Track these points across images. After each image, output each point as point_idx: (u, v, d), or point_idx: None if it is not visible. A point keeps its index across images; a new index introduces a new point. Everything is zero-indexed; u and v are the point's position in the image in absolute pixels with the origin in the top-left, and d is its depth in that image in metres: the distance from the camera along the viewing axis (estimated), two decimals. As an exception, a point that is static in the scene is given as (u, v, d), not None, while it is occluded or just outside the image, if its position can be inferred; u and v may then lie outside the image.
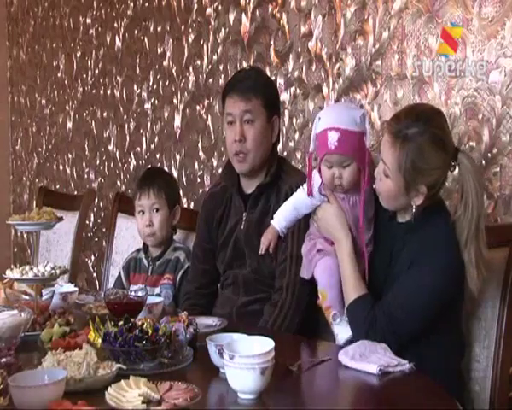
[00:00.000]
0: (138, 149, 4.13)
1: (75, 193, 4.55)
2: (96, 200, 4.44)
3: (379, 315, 1.86)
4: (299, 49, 3.06)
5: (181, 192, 3.70)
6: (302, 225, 2.20)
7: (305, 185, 2.09)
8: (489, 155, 2.38)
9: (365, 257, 2.00)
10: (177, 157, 3.83)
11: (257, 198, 2.37)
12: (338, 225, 2.01)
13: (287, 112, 3.13)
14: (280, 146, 3.14)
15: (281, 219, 2.12)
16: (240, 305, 2.35)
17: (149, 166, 3.85)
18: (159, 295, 2.53)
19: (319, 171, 2.04)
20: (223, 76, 3.43)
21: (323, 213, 2.05)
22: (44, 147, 5.10)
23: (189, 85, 3.70)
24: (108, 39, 4.32)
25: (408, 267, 1.89)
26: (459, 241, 1.87)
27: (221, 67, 3.48)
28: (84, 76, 4.58)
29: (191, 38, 3.67)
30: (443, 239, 1.89)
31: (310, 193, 2.06)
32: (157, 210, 2.69)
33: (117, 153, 4.32)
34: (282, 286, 2.25)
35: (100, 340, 1.74)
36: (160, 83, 3.91)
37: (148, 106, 4.03)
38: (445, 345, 1.94)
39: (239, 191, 2.43)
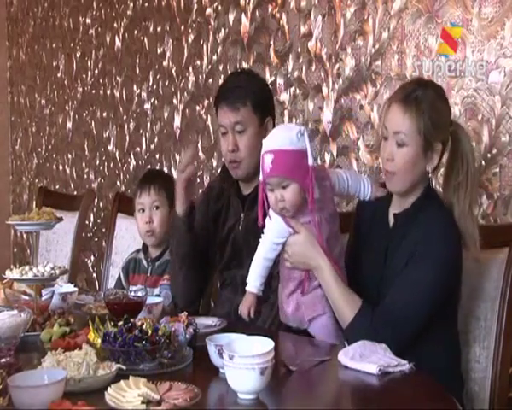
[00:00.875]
0: (138, 149, 4.13)
1: (75, 193, 4.55)
2: (96, 200, 4.44)
3: (379, 328, 1.84)
4: (299, 50, 3.06)
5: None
6: None
7: (265, 233, 2.03)
8: (488, 155, 2.38)
9: (343, 274, 1.98)
10: (177, 157, 3.83)
11: (254, 199, 2.35)
12: (312, 252, 1.95)
13: (286, 112, 3.13)
14: (279, 146, 3.14)
15: (255, 279, 2.05)
16: (238, 305, 2.34)
17: (150, 168, 3.86)
18: (158, 295, 2.53)
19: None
20: (222, 76, 3.43)
21: (293, 247, 1.98)
22: (44, 147, 5.10)
23: (189, 86, 3.70)
24: (108, 39, 4.32)
25: (406, 261, 1.89)
26: (459, 210, 1.92)
27: (221, 68, 3.48)
28: (84, 76, 4.58)
29: (191, 38, 3.67)
30: (443, 229, 1.90)
31: (262, 221, 2.00)
32: (157, 208, 2.71)
33: (117, 153, 4.32)
34: (278, 286, 2.24)
35: (99, 340, 1.74)
36: (160, 83, 3.91)
37: (147, 106, 4.03)
38: (443, 345, 1.94)
39: (237, 192, 2.44)
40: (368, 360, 1.69)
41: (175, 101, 3.81)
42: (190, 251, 2.40)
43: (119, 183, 4.30)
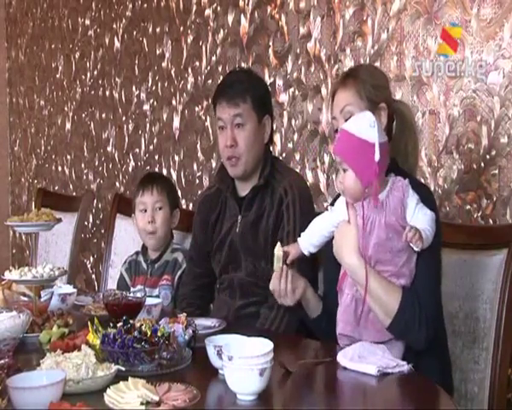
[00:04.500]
0: (137, 150, 4.13)
1: (74, 194, 4.55)
2: (95, 201, 4.45)
3: (426, 304, 1.81)
4: (298, 51, 3.06)
5: (180, 193, 3.71)
6: (298, 228, 2.21)
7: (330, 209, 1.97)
8: (487, 156, 2.38)
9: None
10: (176, 158, 3.83)
11: (251, 200, 2.36)
12: (348, 252, 1.83)
13: (286, 113, 3.13)
14: (279, 147, 3.15)
15: (305, 240, 1.98)
16: (236, 308, 2.34)
17: (149, 171, 3.86)
18: (157, 296, 2.53)
19: None
20: (222, 77, 3.43)
21: (338, 233, 1.88)
22: (43, 148, 5.10)
23: (188, 86, 3.70)
24: (107, 40, 4.32)
25: None
26: (415, 169, 2.08)
27: (220, 69, 3.48)
28: (83, 77, 4.58)
29: (190, 39, 3.67)
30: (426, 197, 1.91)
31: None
32: (160, 208, 2.70)
33: (116, 154, 4.32)
34: None
35: (98, 341, 1.74)
36: (159, 84, 3.91)
37: (146, 107, 4.03)
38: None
39: (233, 194, 2.42)
40: (367, 361, 1.69)
41: (174, 102, 3.81)
42: None
43: (118, 184, 4.30)
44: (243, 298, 2.36)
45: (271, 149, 2.55)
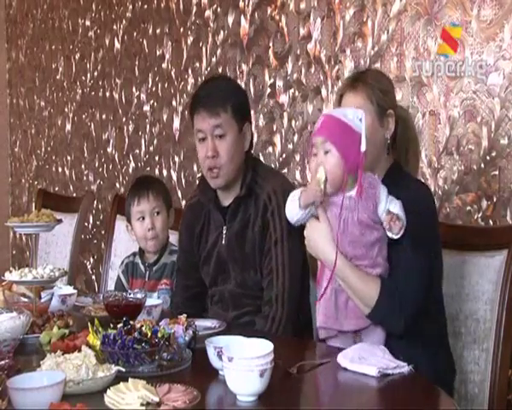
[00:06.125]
0: (137, 151, 4.13)
1: (74, 195, 4.55)
2: (95, 202, 4.45)
3: (405, 293, 1.85)
4: (298, 52, 3.06)
5: (180, 194, 3.71)
6: (285, 234, 2.19)
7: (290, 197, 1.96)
8: (488, 157, 2.39)
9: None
10: (176, 159, 3.83)
11: (235, 211, 2.30)
12: (325, 247, 1.89)
13: (286, 114, 3.13)
14: (279, 148, 3.16)
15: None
16: (230, 319, 2.31)
17: (139, 176, 3.83)
18: (157, 300, 2.52)
19: None
20: (222, 78, 3.44)
21: (309, 231, 1.94)
22: (43, 149, 5.10)
23: (188, 87, 3.70)
24: (107, 41, 4.33)
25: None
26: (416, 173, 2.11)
27: (220, 70, 3.48)
28: (83, 78, 4.59)
29: (190, 40, 3.67)
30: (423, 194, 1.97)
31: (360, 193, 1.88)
32: (158, 213, 2.67)
33: (116, 155, 4.32)
34: (270, 298, 2.21)
35: (99, 342, 1.74)
36: (159, 85, 3.91)
37: (146, 108, 4.03)
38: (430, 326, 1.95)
39: (216, 205, 2.36)
40: (367, 362, 1.69)
41: (174, 103, 3.81)
42: None
43: (118, 185, 4.30)
44: (236, 309, 2.31)
45: (255, 152, 2.49)
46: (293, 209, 1.94)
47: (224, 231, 2.32)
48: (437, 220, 2.01)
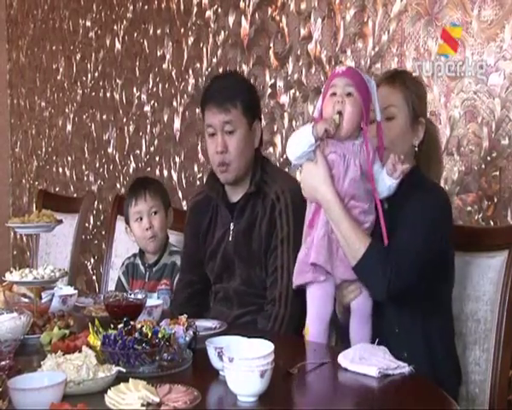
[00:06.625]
0: (138, 151, 4.13)
1: (75, 196, 4.55)
2: (96, 202, 4.45)
3: (397, 261, 1.84)
4: (299, 52, 3.06)
5: (180, 195, 3.71)
6: (292, 234, 2.20)
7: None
8: (488, 158, 2.38)
9: (379, 206, 1.91)
10: (177, 160, 3.83)
11: (243, 208, 2.31)
12: (321, 186, 1.90)
13: (286, 114, 3.13)
14: (280, 148, 3.15)
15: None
16: (233, 318, 2.31)
17: (136, 177, 3.84)
18: (156, 300, 2.52)
19: (321, 116, 1.94)
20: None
21: (305, 173, 1.96)
22: (44, 149, 5.10)
23: (189, 88, 3.70)
24: (108, 42, 4.33)
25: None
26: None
27: (220, 70, 3.48)
28: (84, 78, 4.59)
29: (191, 40, 3.67)
30: (438, 198, 1.97)
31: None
32: (155, 213, 2.68)
33: (116, 155, 4.33)
34: (274, 297, 2.21)
35: (99, 343, 1.74)
36: (160, 85, 3.91)
37: (147, 108, 4.03)
38: (437, 329, 1.95)
39: (224, 201, 2.37)
40: (367, 362, 1.69)
41: (175, 103, 3.81)
42: None
43: (118, 185, 4.31)
44: (240, 308, 2.32)
45: (264, 151, 2.51)
46: (303, 140, 1.91)
47: (232, 228, 2.33)
48: (449, 226, 1.97)
